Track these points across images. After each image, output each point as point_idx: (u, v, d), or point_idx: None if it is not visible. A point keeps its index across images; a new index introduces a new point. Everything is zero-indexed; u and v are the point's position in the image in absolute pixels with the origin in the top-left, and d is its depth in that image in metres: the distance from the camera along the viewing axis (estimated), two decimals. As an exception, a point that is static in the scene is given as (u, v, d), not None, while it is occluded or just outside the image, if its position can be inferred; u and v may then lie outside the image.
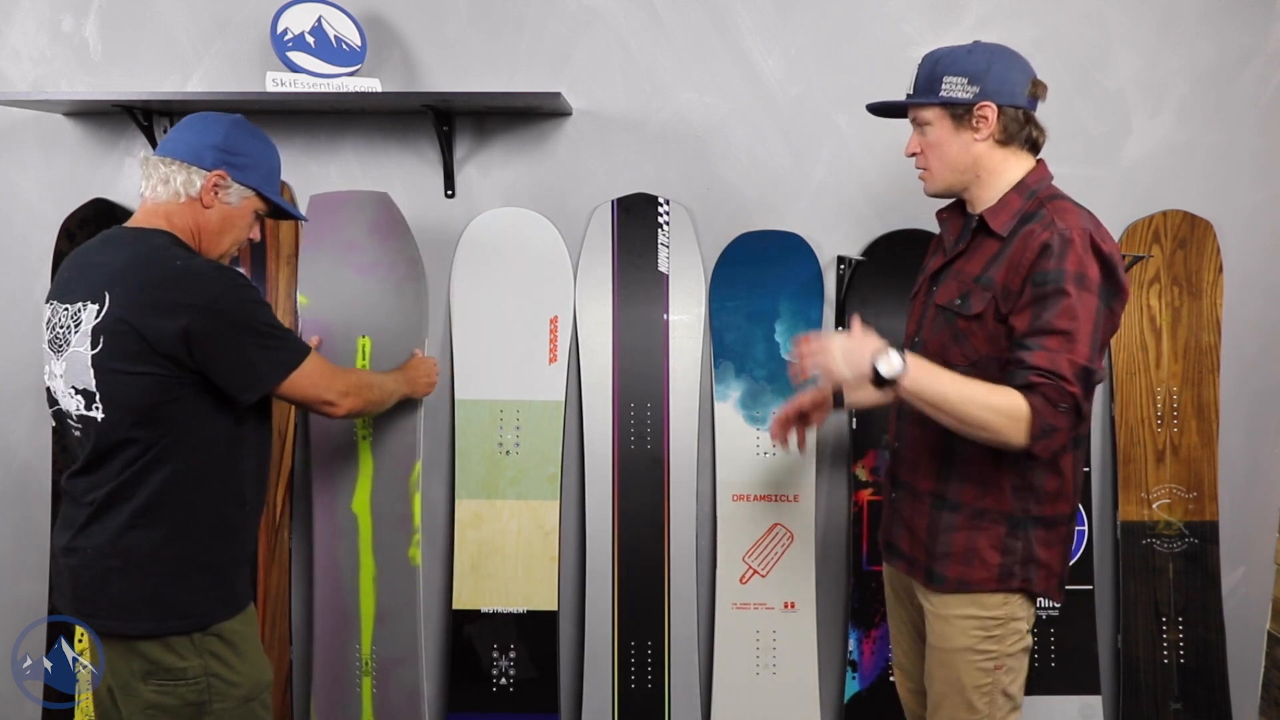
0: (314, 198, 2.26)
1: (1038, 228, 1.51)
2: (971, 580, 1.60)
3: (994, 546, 1.58)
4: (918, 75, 1.63)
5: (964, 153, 1.59)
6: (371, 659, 2.26)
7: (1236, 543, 2.35)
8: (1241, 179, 2.26)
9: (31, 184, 2.33)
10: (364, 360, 2.25)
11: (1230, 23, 2.22)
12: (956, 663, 1.63)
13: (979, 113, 1.56)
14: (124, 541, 1.52)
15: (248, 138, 1.65)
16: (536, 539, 2.30)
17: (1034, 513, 1.59)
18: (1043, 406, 1.43)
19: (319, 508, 2.26)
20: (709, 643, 2.33)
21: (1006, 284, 1.51)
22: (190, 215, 1.61)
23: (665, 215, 2.29)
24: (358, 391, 1.78)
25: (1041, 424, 1.44)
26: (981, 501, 1.59)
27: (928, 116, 1.61)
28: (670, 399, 2.30)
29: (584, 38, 2.25)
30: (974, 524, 1.60)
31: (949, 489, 1.62)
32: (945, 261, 1.68)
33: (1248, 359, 2.32)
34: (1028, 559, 1.59)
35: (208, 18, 2.27)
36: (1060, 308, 1.44)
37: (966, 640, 1.61)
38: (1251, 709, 2.40)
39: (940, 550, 1.62)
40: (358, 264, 2.25)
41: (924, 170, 1.67)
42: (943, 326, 1.62)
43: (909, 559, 1.70)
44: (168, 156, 1.59)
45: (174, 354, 1.48)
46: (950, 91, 1.57)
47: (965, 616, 1.61)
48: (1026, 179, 1.60)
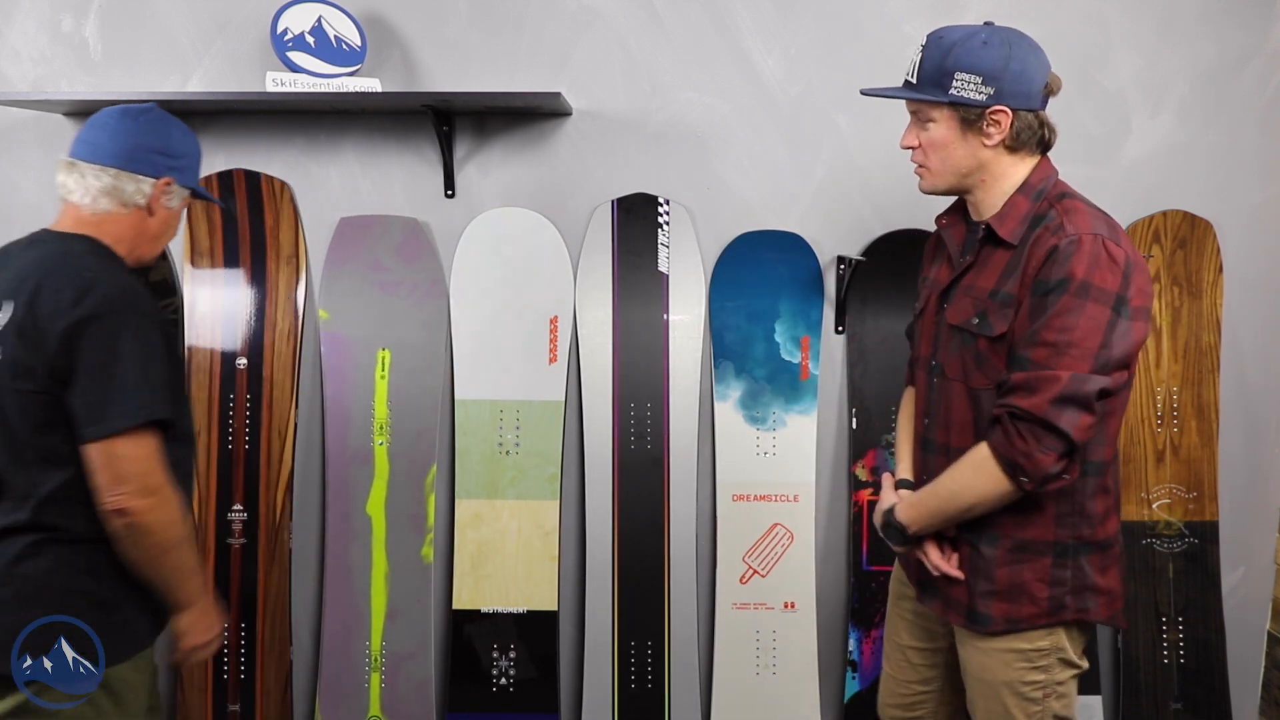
0: (343, 220, 2.29)
1: (1045, 232, 1.40)
2: (1020, 618, 1.47)
3: (1040, 579, 1.46)
4: (922, 61, 1.46)
5: (970, 157, 1.47)
6: (381, 655, 2.27)
7: (1236, 543, 2.34)
8: (1242, 179, 2.26)
9: (31, 184, 2.33)
10: (383, 372, 2.26)
11: (1230, 23, 2.22)
12: (1002, 694, 1.52)
13: (992, 117, 1.43)
14: (17, 570, 1.43)
15: (182, 136, 1.57)
16: (536, 539, 2.30)
17: (1086, 538, 1.47)
18: (999, 442, 1.37)
19: (332, 510, 2.28)
20: (709, 643, 2.33)
21: (1020, 296, 1.40)
22: (131, 223, 1.52)
23: (665, 215, 2.29)
24: (165, 509, 1.42)
25: (1004, 462, 1.38)
26: (1023, 532, 1.47)
27: (933, 114, 1.47)
28: (670, 399, 2.30)
29: (584, 38, 2.25)
30: (1017, 557, 1.47)
31: (984, 523, 1.49)
32: (955, 276, 1.54)
33: (1248, 359, 2.32)
34: (1081, 588, 1.47)
35: (208, 18, 2.27)
36: (1051, 318, 1.35)
37: (1010, 674, 1.50)
38: (1251, 709, 2.40)
39: (981, 588, 1.50)
40: (382, 282, 2.29)
41: (921, 167, 1.53)
42: (959, 349, 1.50)
43: (945, 598, 1.57)
44: (105, 164, 1.48)
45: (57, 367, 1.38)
46: (962, 91, 1.41)
47: (1007, 650, 1.50)
48: (1031, 179, 1.48)
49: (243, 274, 2.29)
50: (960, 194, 1.57)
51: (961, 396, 1.51)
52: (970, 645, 1.56)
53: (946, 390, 1.54)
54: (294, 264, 2.30)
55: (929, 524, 1.53)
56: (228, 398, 2.28)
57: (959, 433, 1.52)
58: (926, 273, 1.70)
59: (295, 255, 2.30)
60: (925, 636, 1.72)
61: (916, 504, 1.55)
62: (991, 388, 1.45)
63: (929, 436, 1.60)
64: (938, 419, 1.57)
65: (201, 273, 2.29)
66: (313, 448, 2.36)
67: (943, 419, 1.55)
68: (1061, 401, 1.34)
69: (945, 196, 1.60)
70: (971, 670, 1.57)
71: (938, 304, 1.59)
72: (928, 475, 1.59)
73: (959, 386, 1.50)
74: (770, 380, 2.29)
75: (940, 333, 1.57)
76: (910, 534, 1.55)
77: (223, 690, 2.28)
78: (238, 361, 2.28)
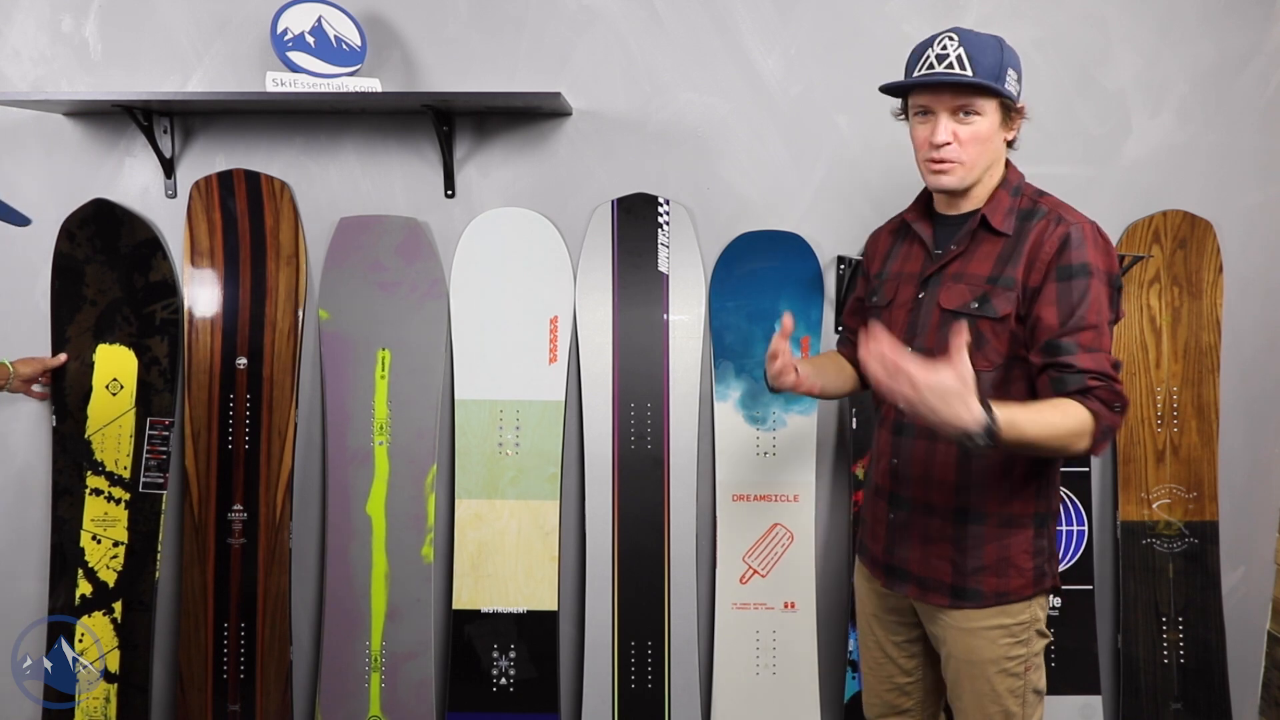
0: (343, 220, 2.29)
1: (1048, 223, 1.49)
2: (1010, 590, 1.55)
3: (1026, 551, 1.55)
4: (971, 54, 1.46)
5: (996, 150, 1.54)
6: (381, 655, 2.28)
7: (1236, 543, 2.35)
8: (1242, 179, 2.26)
9: (31, 184, 2.33)
10: (383, 372, 2.27)
11: (1230, 23, 2.22)
12: (988, 673, 1.58)
13: (1019, 112, 1.54)
14: None
15: None
16: (536, 539, 2.30)
17: (1053, 509, 1.59)
18: (1102, 411, 1.42)
19: (332, 510, 2.28)
20: (709, 643, 2.33)
21: (1027, 281, 1.48)
22: None
23: (665, 215, 2.29)
24: None
25: (1103, 428, 1.43)
26: (1009, 507, 1.55)
27: (984, 106, 1.49)
28: (670, 399, 2.30)
29: (584, 38, 2.25)
30: (1004, 531, 1.55)
31: (971, 500, 1.56)
32: (939, 265, 1.60)
33: (1248, 359, 2.32)
34: (1051, 555, 1.59)
35: (208, 18, 2.27)
36: (1090, 302, 1.44)
37: (996, 651, 1.57)
38: (1251, 709, 2.40)
39: (971, 566, 1.56)
40: (382, 282, 2.29)
41: (954, 162, 1.51)
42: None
43: (919, 580, 1.62)
44: None
45: None
46: (1011, 86, 1.50)
47: (994, 627, 1.57)
48: (1009, 176, 1.58)
49: (243, 274, 2.29)
50: (967, 189, 1.57)
51: None
52: (954, 628, 1.59)
53: None
54: (294, 264, 2.30)
55: (1015, 445, 1.35)
56: (228, 398, 2.28)
57: None
58: (880, 268, 1.74)
59: (295, 255, 2.30)
60: (897, 628, 1.75)
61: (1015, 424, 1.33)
62: (991, 369, 1.51)
63: (903, 420, 1.62)
64: None
65: (201, 273, 2.29)
66: (313, 448, 2.36)
67: None
68: (1117, 373, 1.45)
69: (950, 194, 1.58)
70: (957, 654, 1.60)
71: (914, 292, 1.63)
72: (899, 459, 1.64)
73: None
74: (770, 380, 2.29)
75: (924, 320, 1.59)
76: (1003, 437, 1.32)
77: (223, 690, 2.28)
78: (238, 361, 2.28)
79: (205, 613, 2.28)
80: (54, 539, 2.27)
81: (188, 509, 2.28)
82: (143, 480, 2.28)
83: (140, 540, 2.28)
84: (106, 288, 2.29)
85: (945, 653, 1.64)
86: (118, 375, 2.28)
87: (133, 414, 2.28)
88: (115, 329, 2.29)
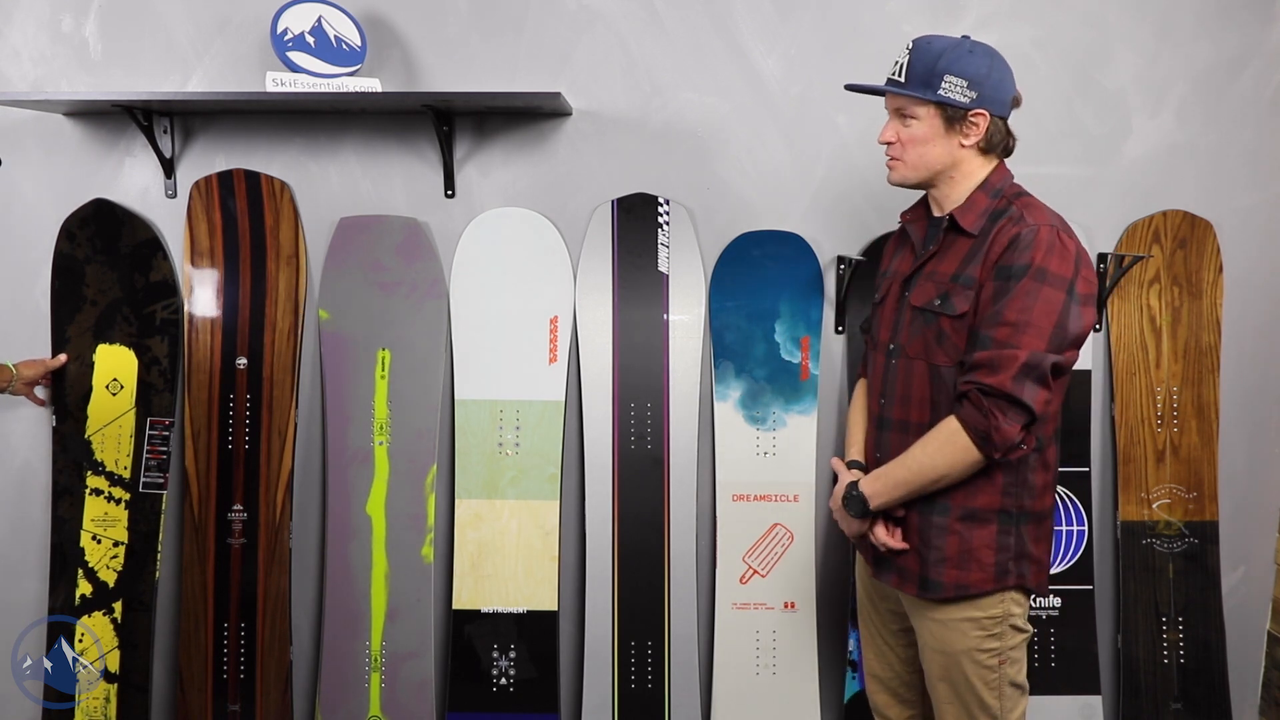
0: (343, 220, 2.30)
1: (1007, 223, 1.53)
2: (969, 584, 1.58)
3: (988, 546, 1.57)
4: (911, 62, 1.57)
5: (946, 155, 1.59)
6: (381, 655, 2.28)
7: (1236, 543, 2.35)
8: (1241, 179, 2.26)
9: (31, 184, 2.33)
10: (383, 372, 2.27)
11: (1229, 23, 2.22)
12: (961, 663, 1.62)
13: (973, 119, 1.56)
14: None
15: None
16: (536, 539, 2.30)
17: (1026, 508, 1.58)
18: (970, 415, 1.47)
19: (332, 510, 2.28)
20: (709, 643, 2.33)
21: (982, 279, 1.53)
22: None
23: (665, 215, 2.29)
24: None
25: (975, 432, 1.48)
26: (972, 501, 1.57)
27: (917, 112, 1.58)
28: (670, 399, 2.30)
29: (584, 38, 2.25)
30: (966, 524, 1.58)
31: (936, 491, 1.59)
32: (917, 264, 1.66)
33: (1248, 359, 2.32)
34: (1020, 554, 1.59)
35: (208, 18, 2.27)
36: (1012, 299, 1.46)
37: (967, 642, 1.61)
38: (1251, 709, 2.40)
39: (933, 557, 1.60)
40: (381, 282, 2.29)
41: (895, 160, 1.64)
42: (922, 329, 1.61)
43: (899, 570, 1.66)
44: None
45: None
46: (949, 92, 1.54)
47: (963, 619, 1.60)
48: (991, 178, 1.60)
49: (243, 274, 2.29)
50: (925, 188, 1.67)
51: (922, 374, 1.61)
52: (926, 618, 1.65)
53: (906, 369, 1.64)
54: (294, 264, 2.30)
55: (894, 496, 1.60)
56: (228, 398, 2.28)
57: (918, 408, 1.62)
58: (886, 267, 1.81)
59: (295, 255, 2.30)
60: (890, 617, 1.81)
61: (882, 476, 1.62)
62: (952, 365, 1.56)
63: (885, 415, 1.69)
64: (894, 397, 1.67)
65: (201, 273, 2.29)
66: (313, 448, 2.36)
67: (900, 396, 1.65)
68: (1023, 376, 1.45)
69: (914, 190, 1.71)
70: (930, 643, 1.65)
71: (900, 291, 1.70)
72: (881, 453, 1.69)
73: (920, 365, 1.61)
74: (770, 380, 2.29)
75: (901, 317, 1.67)
76: (873, 507, 1.63)
77: (223, 690, 2.28)
78: (238, 361, 2.28)
79: (205, 613, 2.28)
80: (54, 539, 2.27)
81: (188, 509, 2.28)
82: (143, 480, 2.28)
83: (140, 540, 2.28)
84: (107, 288, 2.29)
85: (921, 642, 1.69)
86: (118, 375, 2.29)
87: (133, 414, 2.28)
88: (115, 329, 2.29)
